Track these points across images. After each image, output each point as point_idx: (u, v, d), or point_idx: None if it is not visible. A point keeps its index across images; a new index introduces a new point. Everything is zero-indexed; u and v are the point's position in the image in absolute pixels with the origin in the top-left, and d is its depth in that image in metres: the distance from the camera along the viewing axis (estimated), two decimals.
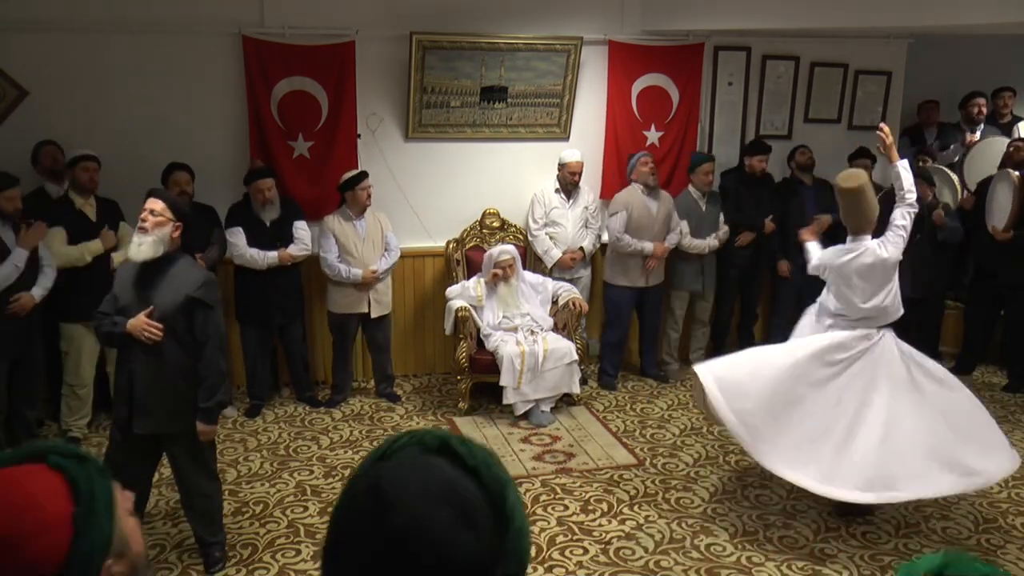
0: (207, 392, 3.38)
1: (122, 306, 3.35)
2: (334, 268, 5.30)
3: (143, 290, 3.33)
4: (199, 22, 5.29)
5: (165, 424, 3.41)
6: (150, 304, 3.30)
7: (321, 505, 4.23)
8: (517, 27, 5.72)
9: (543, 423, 5.23)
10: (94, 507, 1.05)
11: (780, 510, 4.22)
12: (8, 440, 4.64)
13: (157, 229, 3.28)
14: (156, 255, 3.29)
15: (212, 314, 3.36)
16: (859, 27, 5.78)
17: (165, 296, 3.31)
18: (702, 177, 5.90)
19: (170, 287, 3.32)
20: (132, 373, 3.36)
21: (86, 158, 4.81)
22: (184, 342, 3.35)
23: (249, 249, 5.13)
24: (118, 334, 3.33)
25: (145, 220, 3.29)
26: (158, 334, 3.28)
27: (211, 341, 3.36)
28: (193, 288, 3.31)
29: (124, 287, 3.38)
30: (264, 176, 5.16)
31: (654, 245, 5.69)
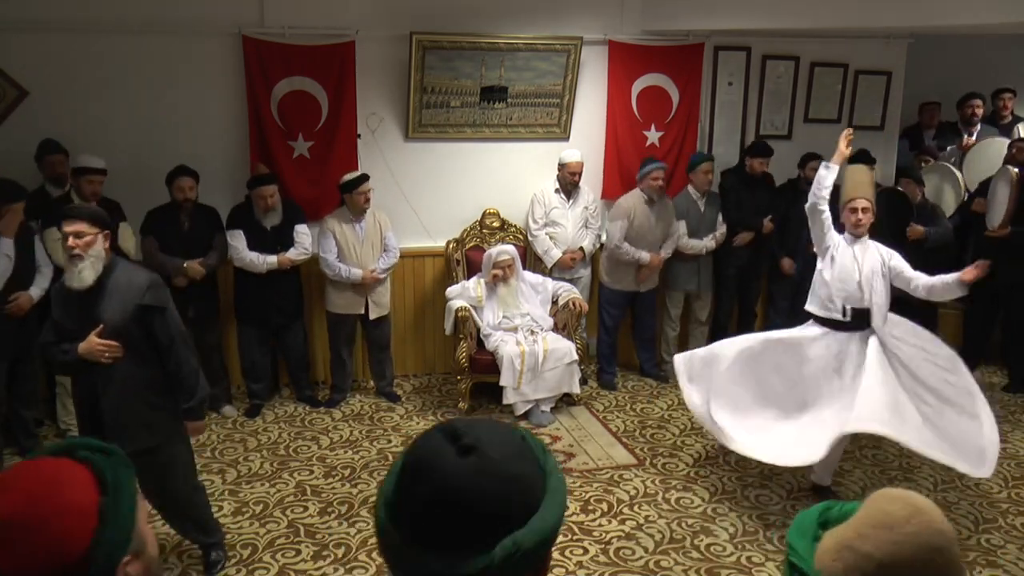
0: (187, 392, 3.28)
1: (67, 331, 3.15)
2: (334, 268, 5.30)
3: (86, 309, 3.13)
4: (199, 22, 5.29)
5: (144, 440, 3.23)
6: (97, 322, 3.10)
7: (321, 505, 4.23)
8: (517, 27, 5.72)
9: (543, 423, 5.24)
10: (119, 499, 1.08)
11: (780, 510, 4.22)
12: (7, 440, 4.64)
13: (89, 250, 3.10)
14: (99, 274, 3.12)
15: (168, 315, 3.22)
16: (859, 27, 5.78)
17: (112, 310, 3.13)
18: (701, 177, 5.90)
19: (115, 299, 3.14)
20: (95, 397, 3.19)
21: (92, 171, 4.79)
22: (143, 352, 3.20)
23: (249, 253, 5.13)
24: (72, 361, 3.13)
25: (74, 247, 3.07)
26: (117, 351, 3.11)
27: (175, 342, 3.22)
28: (140, 296, 3.15)
29: (65, 310, 3.18)
30: (267, 183, 5.14)
31: (650, 256, 5.70)
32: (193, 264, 5.00)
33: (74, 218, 3.13)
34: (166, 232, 5.01)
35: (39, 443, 4.82)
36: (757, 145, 6.10)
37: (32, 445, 4.73)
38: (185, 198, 4.99)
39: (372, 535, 3.95)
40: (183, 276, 4.99)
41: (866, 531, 1.18)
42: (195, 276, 5.01)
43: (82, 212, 3.21)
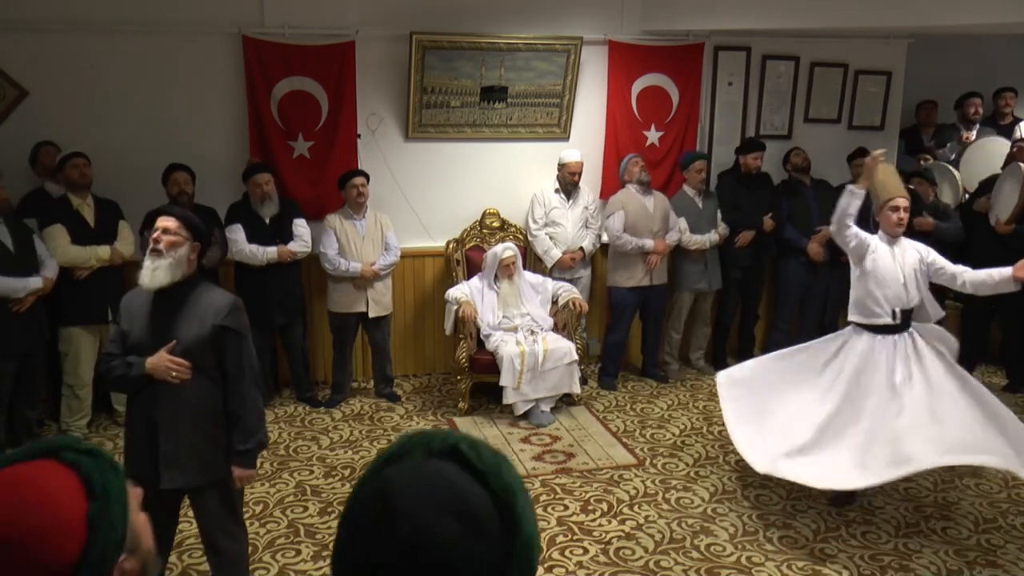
0: (244, 433, 2.94)
1: (133, 343, 2.89)
2: (333, 262, 5.30)
3: (160, 322, 2.87)
4: (199, 22, 5.29)
5: (197, 475, 2.94)
6: (170, 338, 2.85)
7: (321, 505, 4.23)
8: (517, 27, 5.72)
9: (543, 423, 5.24)
10: (108, 504, 1.03)
11: (780, 510, 4.22)
12: (9, 440, 4.65)
13: (172, 250, 2.84)
14: (174, 280, 2.85)
15: (244, 343, 2.93)
16: (859, 27, 5.78)
17: (188, 327, 2.86)
18: (695, 175, 5.90)
19: (193, 316, 2.87)
20: (154, 421, 2.88)
21: (73, 155, 4.80)
22: (213, 378, 2.91)
23: (248, 245, 5.13)
24: (134, 377, 2.85)
25: (158, 240, 2.84)
26: (187, 372, 2.84)
27: (245, 374, 2.93)
28: (220, 316, 2.87)
29: (135, 320, 2.91)
30: (261, 171, 5.17)
31: (655, 241, 5.70)
32: None
33: (169, 214, 2.92)
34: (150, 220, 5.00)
35: None
36: (748, 141, 6.11)
37: None
38: (180, 191, 4.99)
39: None
40: None
41: None
42: None
43: (182, 213, 2.96)
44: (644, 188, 5.73)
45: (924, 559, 3.76)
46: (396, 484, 0.91)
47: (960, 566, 3.72)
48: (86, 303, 4.80)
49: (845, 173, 6.27)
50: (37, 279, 4.51)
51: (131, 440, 3.00)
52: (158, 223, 2.89)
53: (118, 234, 4.93)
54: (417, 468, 0.93)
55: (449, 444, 0.95)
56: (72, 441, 1.08)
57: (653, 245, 5.69)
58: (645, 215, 5.70)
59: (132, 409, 2.99)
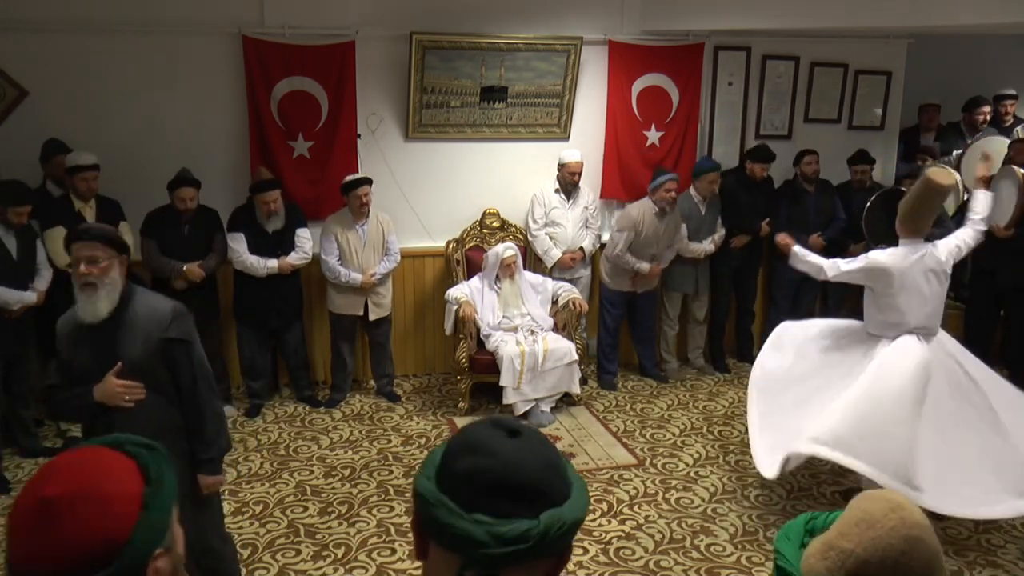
0: (204, 443, 2.87)
1: (78, 372, 2.74)
2: (334, 271, 5.31)
3: (101, 346, 2.72)
4: (199, 22, 5.29)
5: None
6: (114, 360, 2.70)
7: (321, 505, 4.23)
8: (517, 27, 5.72)
9: (543, 423, 5.23)
10: (160, 491, 1.15)
11: (780, 510, 4.21)
12: (6, 440, 4.65)
13: (105, 276, 2.69)
14: (115, 304, 2.71)
15: (193, 350, 2.82)
16: (859, 27, 5.78)
17: (132, 346, 2.73)
18: (706, 185, 5.89)
19: (135, 333, 2.73)
20: None
21: (84, 168, 4.77)
22: (167, 393, 2.81)
23: (250, 256, 5.13)
24: (87, 407, 2.71)
25: (88, 272, 2.66)
26: (139, 393, 2.72)
27: (198, 382, 2.83)
28: (164, 327, 2.75)
29: (75, 349, 2.76)
30: (270, 188, 5.13)
31: (649, 267, 5.71)
32: (192, 267, 5.00)
33: (88, 239, 2.70)
34: (166, 234, 5.01)
35: (38, 443, 4.82)
36: (759, 150, 6.06)
37: (31, 445, 4.74)
38: (186, 208, 4.98)
39: (372, 535, 3.95)
40: (182, 279, 4.99)
41: (848, 530, 1.27)
42: (194, 279, 5.00)
43: (96, 232, 2.75)
44: (662, 215, 5.68)
45: None
46: (499, 417, 1.12)
47: (960, 566, 3.72)
48: None
49: (845, 173, 6.28)
50: (31, 295, 4.51)
51: None
52: (77, 252, 2.69)
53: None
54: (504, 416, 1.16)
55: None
56: (134, 437, 1.22)
57: (647, 269, 5.71)
58: (652, 239, 5.69)
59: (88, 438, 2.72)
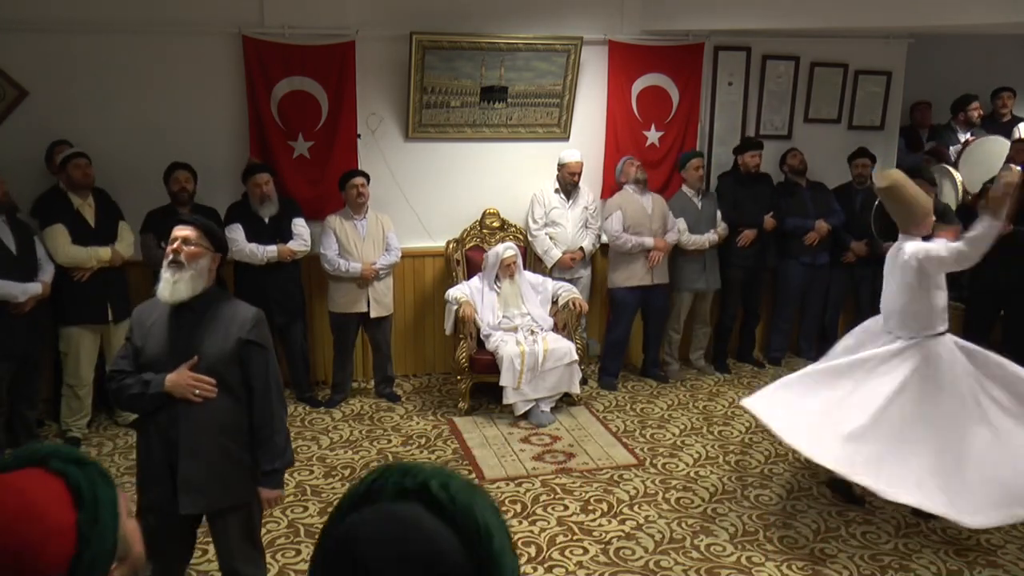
0: (272, 452, 2.79)
1: (149, 359, 2.72)
2: (333, 263, 5.30)
3: (179, 337, 2.71)
4: (199, 22, 5.29)
5: (219, 499, 2.78)
6: (191, 353, 2.69)
7: (321, 505, 4.23)
8: (517, 27, 5.72)
9: (543, 423, 5.23)
10: (98, 514, 1.01)
11: (780, 510, 4.21)
12: (8, 440, 4.64)
13: (194, 262, 2.70)
14: (195, 293, 2.71)
15: (270, 357, 2.80)
16: (859, 27, 5.78)
17: (211, 342, 2.71)
18: (692, 173, 5.90)
19: (215, 330, 2.72)
20: (173, 442, 2.70)
21: (74, 155, 4.79)
22: (237, 396, 2.76)
23: (248, 244, 5.13)
24: (152, 395, 2.67)
25: (179, 251, 2.68)
26: (212, 390, 2.68)
27: (272, 390, 2.78)
28: (245, 329, 2.74)
29: (149, 335, 2.74)
30: (260, 171, 5.16)
31: (655, 240, 5.70)
32: None
33: (189, 224, 2.76)
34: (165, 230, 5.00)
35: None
36: (746, 140, 6.12)
37: None
38: (181, 188, 5.00)
39: None
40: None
41: None
42: None
43: (202, 222, 2.80)
44: (641, 188, 5.74)
45: (924, 559, 3.76)
46: (362, 533, 0.88)
47: (960, 566, 3.72)
48: (86, 303, 4.80)
49: (845, 173, 6.28)
50: (36, 285, 4.51)
51: (146, 463, 2.80)
52: (176, 232, 2.73)
53: (118, 234, 4.92)
54: (384, 514, 0.89)
55: (419, 482, 0.91)
56: (60, 449, 1.06)
57: (653, 243, 5.69)
58: (643, 215, 5.70)
59: (147, 430, 2.78)
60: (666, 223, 5.80)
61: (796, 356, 6.48)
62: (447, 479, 0.92)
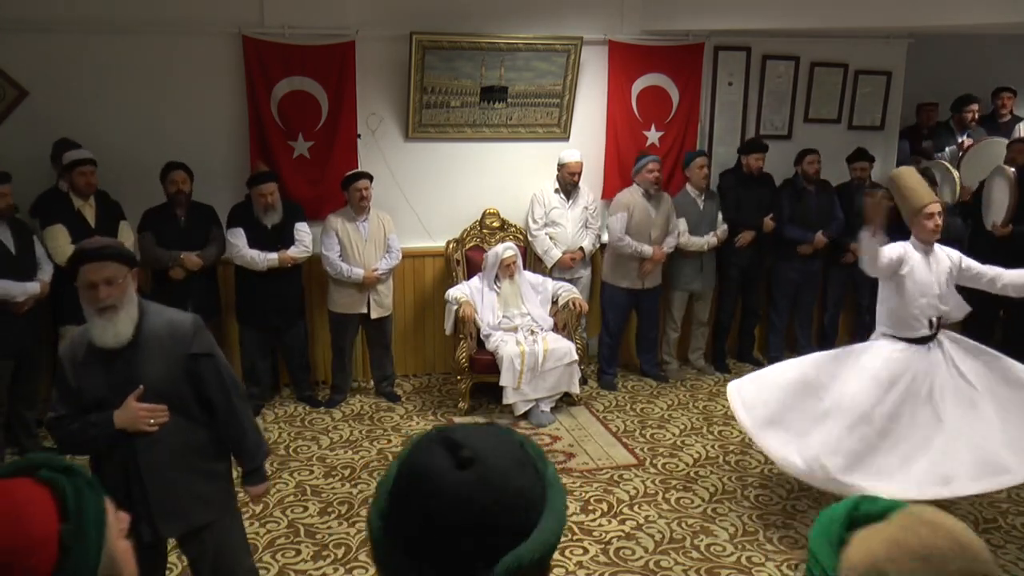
0: (249, 453, 2.73)
1: (91, 400, 2.52)
2: (336, 267, 5.31)
3: (118, 369, 2.51)
4: (199, 22, 5.29)
5: (200, 516, 2.67)
6: (135, 383, 2.50)
7: (321, 505, 4.23)
8: (517, 27, 5.72)
9: (543, 423, 5.24)
10: (83, 524, 0.99)
11: (780, 510, 4.22)
12: (7, 440, 4.65)
13: (124, 296, 2.47)
14: (136, 322, 2.52)
15: (219, 362, 2.65)
16: (859, 27, 5.79)
17: (153, 367, 2.52)
18: (697, 171, 5.90)
19: (156, 352, 2.53)
20: (136, 475, 2.55)
21: (82, 162, 4.79)
22: (193, 412, 2.62)
23: (249, 250, 5.13)
24: (105, 436, 2.49)
25: (106, 297, 2.43)
26: (164, 416, 2.53)
27: (231, 394, 2.65)
28: (187, 343, 2.57)
29: (86, 375, 2.53)
30: (266, 181, 5.14)
31: (653, 250, 5.70)
32: (190, 256, 5.00)
33: (100, 259, 2.46)
34: (163, 228, 5.02)
35: (39, 443, 4.82)
36: (751, 142, 6.11)
37: (32, 445, 4.74)
38: (178, 190, 5.00)
39: None
40: (180, 268, 4.99)
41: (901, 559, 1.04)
42: (192, 268, 5.01)
43: (109, 251, 2.51)
44: (652, 193, 5.72)
45: None
46: (454, 432, 0.99)
47: None
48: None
49: (845, 173, 6.28)
50: (35, 284, 4.52)
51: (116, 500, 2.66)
52: (90, 276, 2.44)
53: (118, 234, 4.92)
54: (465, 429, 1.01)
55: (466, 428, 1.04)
56: (51, 459, 1.04)
57: (651, 253, 5.70)
58: (647, 220, 5.70)
59: (104, 469, 2.58)
60: (668, 227, 5.81)
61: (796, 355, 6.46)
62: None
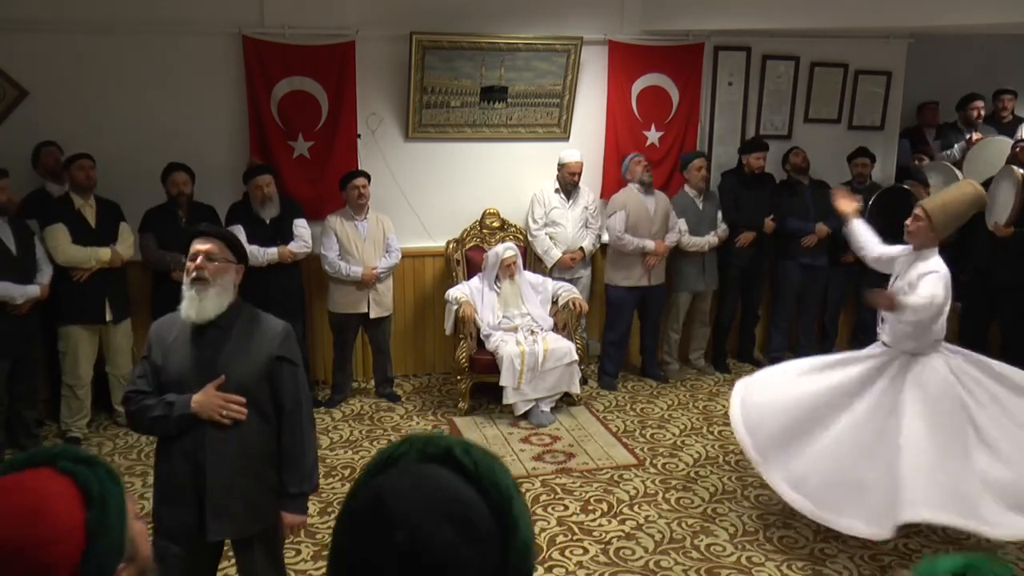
0: (300, 475, 2.63)
1: (171, 379, 2.53)
2: (335, 265, 5.30)
3: (204, 355, 2.54)
4: (199, 22, 5.29)
5: (248, 524, 2.61)
6: (217, 372, 2.50)
7: (321, 505, 4.23)
8: (517, 27, 5.72)
9: (543, 423, 5.23)
10: (106, 513, 1.03)
11: (780, 510, 4.21)
12: (8, 440, 4.65)
13: (218, 277, 2.53)
14: (222, 311, 2.55)
15: (300, 374, 2.65)
16: (859, 27, 5.78)
17: (239, 360, 2.54)
18: (695, 173, 5.90)
19: (243, 347, 2.56)
20: (200, 465, 2.51)
21: (80, 156, 4.80)
22: (266, 415, 2.59)
23: (249, 246, 5.13)
24: (177, 417, 2.48)
25: (202, 268, 2.51)
26: (242, 411, 2.51)
27: (303, 409, 2.63)
28: (275, 344, 2.59)
29: (170, 353, 2.55)
30: (262, 172, 5.16)
31: (655, 243, 5.70)
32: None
33: (210, 236, 2.56)
34: (164, 229, 5.02)
35: (39, 443, 4.82)
36: (751, 141, 6.12)
37: (32, 446, 4.73)
38: (179, 192, 5.01)
39: None
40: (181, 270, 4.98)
41: None
42: None
43: (223, 233, 2.62)
44: (646, 188, 5.74)
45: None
46: (390, 490, 0.91)
47: None
48: (84, 302, 4.80)
49: (845, 173, 6.28)
50: (34, 287, 4.52)
51: (169, 488, 2.59)
52: (196, 247, 2.54)
53: (118, 235, 4.93)
54: (411, 473, 0.93)
55: (442, 448, 0.95)
56: (69, 450, 1.07)
57: (653, 247, 5.69)
58: (646, 215, 5.70)
59: (170, 453, 2.57)
60: (667, 223, 5.80)
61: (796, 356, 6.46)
62: (468, 446, 0.96)
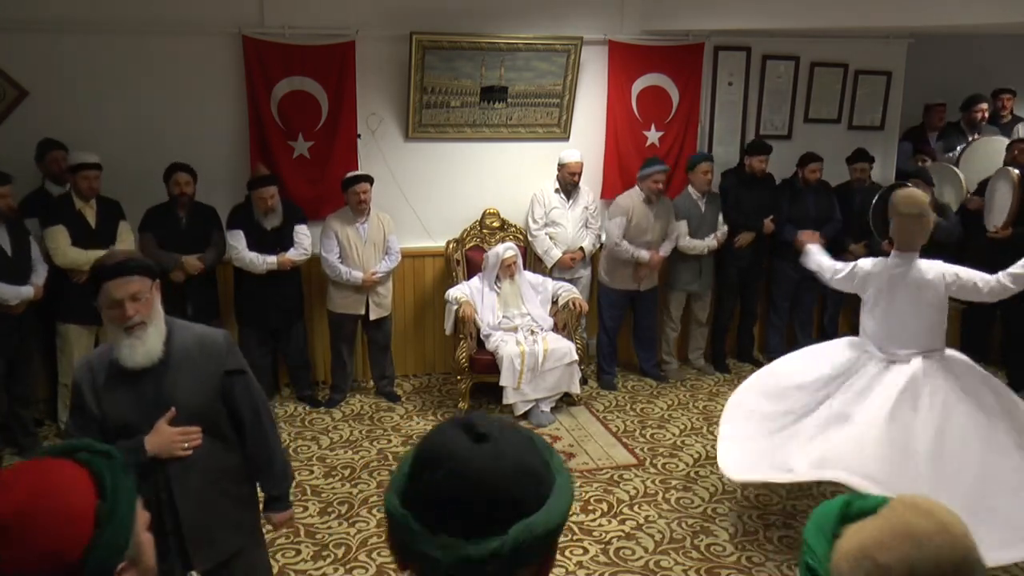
0: (275, 477, 2.59)
1: (116, 426, 2.30)
2: (335, 269, 5.31)
3: (146, 391, 2.32)
4: (199, 22, 5.29)
5: (231, 543, 2.51)
6: (166, 405, 2.32)
7: (321, 505, 4.23)
8: (517, 27, 5.72)
9: (543, 423, 5.24)
10: (116, 503, 1.08)
11: (780, 510, 4.22)
12: (5, 440, 4.65)
13: (151, 312, 2.29)
14: (164, 339, 2.33)
15: (250, 380, 2.51)
16: (859, 27, 5.78)
17: (185, 385, 2.35)
18: (700, 176, 5.89)
19: (187, 371, 2.36)
20: (168, 503, 2.36)
21: (87, 166, 4.78)
22: (225, 433, 2.47)
23: (249, 253, 5.13)
24: (136, 464, 2.21)
25: (134, 314, 2.23)
26: (198, 439, 2.36)
27: (262, 414, 2.51)
28: (222, 359, 2.42)
29: (107, 399, 2.31)
30: (267, 184, 5.13)
31: (650, 255, 5.70)
32: (191, 259, 5.01)
33: (126, 273, 2.24)
34: (164, 229, 5.03)
35: (38, 442, 4.83)
36: (756, 143, 6.10)
37: (30, 444, 4.74)
38: (182, 192, 5.01)
39: (372, 535, 3.95)
40: (180, 271, 4.99)
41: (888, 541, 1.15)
42: (192, 271, 5.02)
43: (132, 264, 2.29)
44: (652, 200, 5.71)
45: None
46: (470, 416, 1.07)
47: None
48: (83, 301, 4.77)
49: (845, 173, 6.28)
50: (28, 288, 4.52)
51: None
52: (115, 293, 2.23)
53: (118, 235, 4.92)
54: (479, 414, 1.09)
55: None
56: (92, 444, 1.15)
57: (647, 258, 5.70)
58: (647, 225, 5.70)
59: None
60: (666, 231, 5.81)
61: None
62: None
